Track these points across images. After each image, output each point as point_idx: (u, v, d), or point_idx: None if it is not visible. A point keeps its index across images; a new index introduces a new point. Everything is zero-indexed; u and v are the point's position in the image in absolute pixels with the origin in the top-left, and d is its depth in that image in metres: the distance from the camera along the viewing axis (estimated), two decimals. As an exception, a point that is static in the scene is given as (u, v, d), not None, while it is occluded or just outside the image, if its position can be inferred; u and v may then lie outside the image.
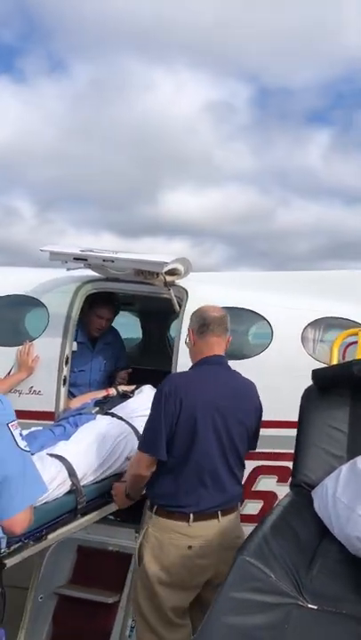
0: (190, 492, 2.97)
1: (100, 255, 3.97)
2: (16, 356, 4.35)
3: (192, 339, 3.18)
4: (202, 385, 3.04)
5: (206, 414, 2.99)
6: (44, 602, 3.88)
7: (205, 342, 3.12)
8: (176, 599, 3.00)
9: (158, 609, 2.98)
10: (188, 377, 3.09)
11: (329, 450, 2.88)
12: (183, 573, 2.97)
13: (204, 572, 3.01)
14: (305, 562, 2.23)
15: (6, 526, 2.22)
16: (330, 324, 4.26)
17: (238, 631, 1.76)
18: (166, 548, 2.96)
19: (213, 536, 3.00)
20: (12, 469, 2.18)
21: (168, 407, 2.94)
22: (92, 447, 3.38)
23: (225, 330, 3.15)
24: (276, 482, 4.01)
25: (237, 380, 3.20)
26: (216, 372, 3.12)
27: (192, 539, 2.97)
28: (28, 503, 2.24)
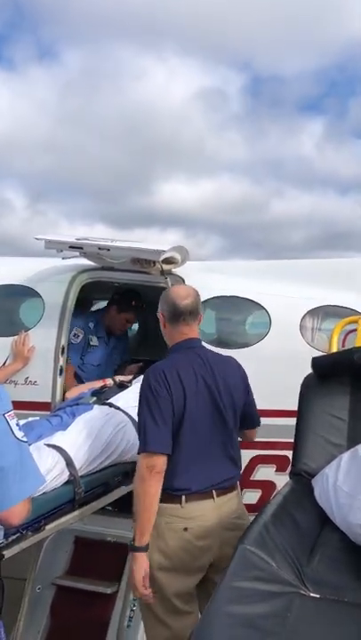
0: (182, 473, 2.91)
1: (95, 243, 3.93)
2: (11, 347, 4.31)
3: (163, 322, 3.14)
4: (184, 369, 2.97)
5: (193, 397, 2.93)
6: (41, 593, 3.86)
7: (177, 330, 3.09)
8: (179, 584, 2.95)
9: (161, 596, 2.94)
10: (168, 365, 3.00)
11: (329, 438, 2.86)
12: (183, 556, 2.92)
13: (205, 554, 2.96)
14: (306, 550, 2.22)
15: (3, 518, 2.18)
16: (328, 313, 4.24)
17: (240, 620, 1.75)
18: (163, 533, 2.90)
19: (210, 516, 2.95)
20: (8, 460, 2.14)
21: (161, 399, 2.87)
22: (90, 437, 3.34)
23: (197, 314, 3.11)
24: (274, 471, 4.00)
25: (216, 357, 3.15)
26: (194, 356, 3.06)
27: (187, 520, 2.91)
28: (25, 495, 2.21)
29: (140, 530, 2.79)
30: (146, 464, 2.79)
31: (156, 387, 2.88)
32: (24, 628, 3.67)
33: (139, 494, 2.80)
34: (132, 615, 3.68)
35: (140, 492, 2.79)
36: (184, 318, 3.07)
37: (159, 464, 2.80)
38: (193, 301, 3.10)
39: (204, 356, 3.11)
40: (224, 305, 4.00)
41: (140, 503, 2.79)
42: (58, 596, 3.89)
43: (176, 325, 3.09)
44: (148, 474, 2.77)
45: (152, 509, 2.79)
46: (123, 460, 3.52)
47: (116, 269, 4.36)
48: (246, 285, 4.39)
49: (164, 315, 3.12)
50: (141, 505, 2.78)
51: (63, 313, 4.33)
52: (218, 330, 4.57)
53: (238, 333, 4.32)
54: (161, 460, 2.80)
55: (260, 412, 3.82)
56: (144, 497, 2.78)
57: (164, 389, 2.88)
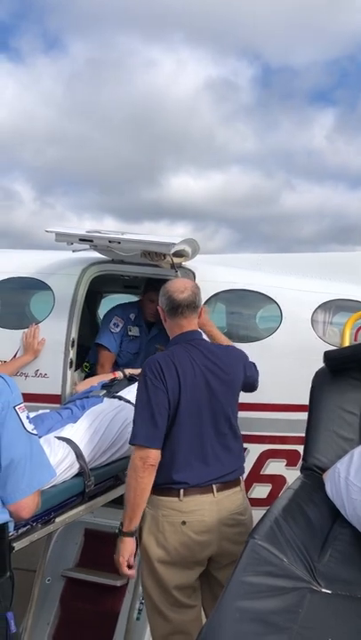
0: (182, 467, 2.91)
1: (106, 236, 3.91)
2: (22, 339, 4.31)
3: (163, 316, 3.16)
4: (181, 361, 2.96)
5: (190, 389, 2.92)
6: (51, 584, 3.88)
7: (176, 324, 3.10)
8: (179, 578, 2.96)
9: (163, 589, 2.95)
10: (165, 357, 2.99)
11: (341, 433, 2.83)
12: (181, 550, 2.92)
13: (204, 549, 2.95)
14: (317, 546, 2.20)
15: (13, 510, 2.19)
16: (340, 307, 4.21)
17: (251, 615, 1.73)
18: (162, 526, 2.91)
19: (209, 511, 2.93)
20: (18, 453, 2.15)
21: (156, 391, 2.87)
22: (100, 430, 3.34)
23: (195, 308, 3.11)
24: (284, 465, 3.98)
25: (216, 349, 3.18)
26: (192, 348, 3.06)
27: (185, 514, 2.91)
28: (35, 488, 2.21)
29: (129, 517, 2.88)
30: (139, 456, 2.83)
31: (151, 378, 2.89)
32: (34, 620, 3.69)
33: (130, 485, 2.86)
34: (141, 608, 3.68)
35: (131, 482, 2.85)
36: (182, 312, 3.06)
37: (152, 457, 2.83)
38: (190, 294, 3.09)
39: (204, 347, 3.11)
40: (234, 298, 3.98)
41: (131, 492, 2.85)
42: (67, 587, 3.91)
43: (175, 319, 3.09)
44: (142, 465, 2.82)
45: (142, 499, 2.86)
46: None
47: (127, 262, 4.35)
48: (257, 279, 4.37)
49: (163, 308, 3.13)
50: (132, 494, 2.85)
51: (73, 306, 4.33)
52: (228, 323, 4.55)
53: (249, 327, 4.29)
54: (153, 454, 2.83)
55: (270, 407, 3.80)
56: (135, 487, 2.83)
57: (159, 381, 2.88)
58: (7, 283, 4.53)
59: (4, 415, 2.14)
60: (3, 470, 2.12)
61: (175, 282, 3.23)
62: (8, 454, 2.13)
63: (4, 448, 2.12)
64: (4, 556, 2.16)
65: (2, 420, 2.14)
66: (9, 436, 2.13)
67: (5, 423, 2.13)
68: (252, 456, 4.00)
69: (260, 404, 4.01)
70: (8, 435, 2.13)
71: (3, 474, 2.13)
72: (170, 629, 2.96)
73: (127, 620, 3.69)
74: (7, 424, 2.14)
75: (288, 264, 4.98)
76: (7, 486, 2.14)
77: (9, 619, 2.10)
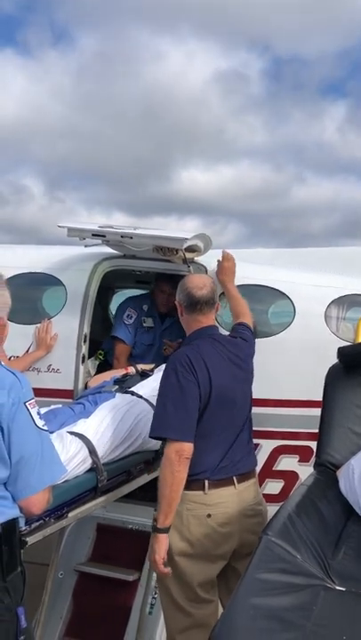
0: (206, 459, 2.94)
1: (118, 231, 3.90)
2: (34, 334, 4.32)
3: (180, 311, 3.20)
4: (208, 355, 3.01)
5: (218, 382, 2.96)
6: (64, 579, 3.90)
7: (194, 319, 3.14)
8: (203, 572, 2.98)
9: (184, 585, 2.97)
10: (193, 351, 3.02)
11: (355, 429, 2.82)
12: (206, 543, 2.95)
13: (228, 541, 2.99)
14: (331, 543, 2.19)
15: (24, 507, 2.19)
16: (354, 302, 4.17)
17: (265, 612, 1.73)
18: (186, 519, 2.93)
19: (232, 503, 2.98)
20: (29, 449, 2.14)
21: (188, 384, 2.89)
22: (113, 425, 3.34)
23: (213, 304, 3.17)
24: (297, 461, 3.96)
25: (232, 342, 3.25)
26: (214, 342, 3.13)
27: (210, 507, 2.95)
28: (45, 484, 2.21)
29: (165, 513, 2.84)
30: (174, 449, 2.82)
31: (183, 372, 2.90)
32: (47, 614, 3.69)
33: (166, 479, 2.83)
34: (153, 602, 3.69)
35: (167, 476, 2.83)
36: (200, 308, 3.11)
37: (187, 450, 2.83)
38: (209, 291, 3.14)
39: (224, 341, 3.18)
40: (246, 293, 3.94)
41: (167, 487, 2.83)
42: (80, 582, 3.92)
43: (193, 314, 3.13)
44: (177, 459, 2.81)
45: (178, 494, 2.84)
46: (144, 448, 3.52)
47: (138, 257, 4.33)
48: (269, 274, 4.34)
49: (182, 304, 3.16)
50: (168, 489, 2.82)
51: (85, 301, 4.32)
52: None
53: (261, 323, 4.26)
54: (188, 447, 2.84)
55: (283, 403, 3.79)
56: (172, 481, 2.82)
57: (190, 374, 2.90)
58: (19, 278, 4.53)
59: (15, 411, 2.13)
60: (13, 466, 2.12)
61: (193, 278, 3.29)
62: (18, 450, 2.12)
63: (14, 444, 2.11)
64: (15, 552, 2.16)
65: (12, 415, 2.13)
66: (19, 432, 2.13)
67: (16, 419, 2.12)
68: (265, 452, 3.98)
69: (272, 400, 3.99)
70: (18, 431, 2.12)
71: (13, 470, 2.12)
72: (189, 624, 2.97)
73: (140, 615, 3.70)
74: (18, 420, 2.12)
75: (302, 259, 4.95)
76: (17, 482, 2.14)
77: (19, 614, 2.10)
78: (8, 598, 2.09)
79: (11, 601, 2.10)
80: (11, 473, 2.13)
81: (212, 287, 3.18)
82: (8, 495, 2.15)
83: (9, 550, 2.12)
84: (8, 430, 2.11)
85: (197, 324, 3.13)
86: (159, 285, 4.74)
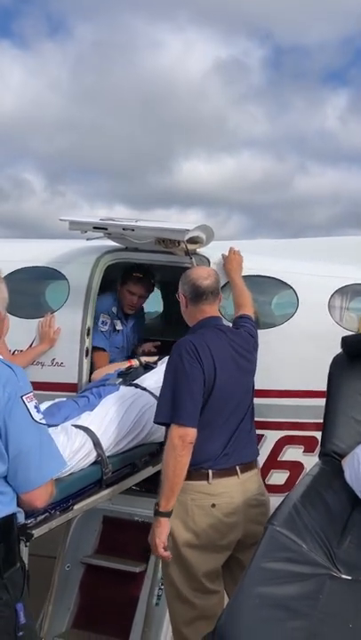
0: (207, 448, 2.95)
1: (119, 224, 3.90)
2: (37, 328, 4.32)
3: (184, 302, 3.21)
4: (213, 344, 3.02)
5: (223, 370, 2.98)
6: (71, 571, 3.92)
7: (199, 310, 3.17)
8: (208, 563, 2.99)
9: (189, 576, 2.98)
10: (198, 339, 3.03)
11: (359, 418, 2.81)
12: (211, 533, 2.96)
13: (232, 531, 3.00)
14: (336, 532, 2.19)
15: (26, 500, 2.19)
16: (357, 291, 4.15)
17: (271, 601, 1.73)
18: (190, 510, 2.95)
19: (236, 493, 3.01)
20: (27, 443, 2.13)
21: (194, 370, 2.90)
22: (117, 418, 3.35)
23: (217, 294, 3.22)
24: (302, 452, 3.96)
25: (235, 333, 3.28)
26: (219, 332, 3.15)
27: (214, 497, 2.96)
28: (45, 478, 2.20)
29: (167, 497, 2.87)
30: (178, 434, 2.84)
31: (188, 359, 2.92)
32: (54, 606, 3.73)
33: (169, 463, 2.85)
34: (160, 593, 3.70)
35: (170, 460, 2.85)
36: (206, 297, 3.14)
37: (190, 435, 2.85)
38: (214, 281, 3.19)
39: (228, 332, 3.22)
40: (249, 284, 3.93)
41: (170, 471, 2.85)
42: (87, 574, 3.94)
43: (198, 305, 3.15)
44: (181, 443, 2.83)
45: (180, 478, 2.86)
46: (149, 440, 3.53)
47: (141, 250, 4.33)
48: (272, 264, 4.32)
49: (186, 295, 3.18)
50: (171, 473, 2.85)
51: (88, 294, 4.32)
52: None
53: (265, 313, 4.26)
54: (192, 432, 2.85)
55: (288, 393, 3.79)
56: (175, 465, 2.84)
57: (195, 360, 2.92)
58: (22, 272, 4.53)
59: (11, 405, 2.10)
60: (12, 461, 2.10)
61: (197, 269, 3.34)
62: (16, 445, 2.10)
63: (11, 438, 2.10)
64: (13, 548, 2.15)
65: (9, 410, 2.10)
66: (16, 426, 2.10)
67: (12, 413, 2.10)
68: (270, 442, 3.98)
69: (276, 391, 3.99)
70: (15, 425, 2.10)
71: (12, 464, 2.11)
72: (194, 615, 2.99)
73: (146, 606, 3.72)
74: (14, 414, 2.10)
75: (305, 249, 4.94)
76: (18, 477, 2.13)
77: (18, 610, 2.09)
78: (7, 595, 2.08)
79: (9, 597, 2.09)
80: (10, 467, 2.11)
81: (217, 277, 3.23)
82: (5, 491, 2.14)
83: (6, 546, 2.10)
84: (5, 425, 2.09)
85: (202, 314, 3.15)
86: (128, 286, 4.59)
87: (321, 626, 1.66)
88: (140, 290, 4.64)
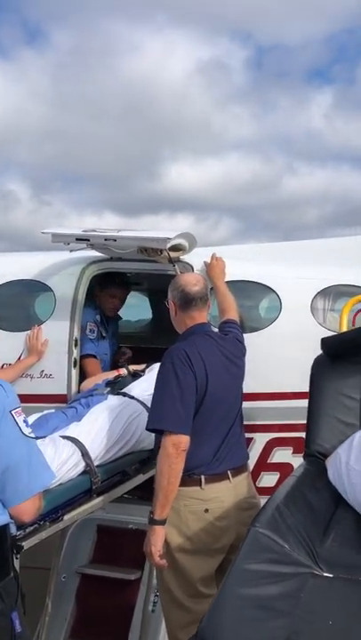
0: (199, 454, 2.98)
1: (101, 234, 3.94)
2: (25, 341, 4.35)
3: (173, 309, 3.24)
4: (204, 350, 3.06)
5: (214, 377, 3.01)
6: (66, 581, 3.94)
7: (188, 316, 3.20)
8: (202, 567, 3.02)
9: (184, 581, 3.01)
10: (189, 345, 3.06)
11: (342, 418, 2.84)
12: (204, 538, 2.99)
13: (225, 535, 3.03)
14: (320, 531, 2.21)
15: (14, 515, 2.21)
16: (340, 292, 4.21)
17: (253, 602, 1.75)
18: (184, 516, 2.98)
19: (228, 497, 3.04)
20: (15, 457, 2.16)
21: (186, 378, 2.93)
22: (105, 427, 3.38)
23: (206, 300, 3.25)
24: (291, 453, 4.00)
25: (223, 338, 3.30)
26: (209, 338, 3.19)
27: (207, 502, 2.99)
28: (33, 491, 2.23)
29: (162, 504, 2.88)
30: (172, 442, 2.86)
31: (180, 366, 2.94)
32: (51, 617, 3.74)
33: (163, 471, 2.86)
34: (156, 600, 3.73)
35: (164, 468, 2.86)
36: (195, 304, 3.17)
37: (184, 442, 2.87)
38: (202, 287, 3.23)
39: (218, 338, 3.25)
40: (233, 289, 3.98)
41: (164, 479, 2.86)
42: (82, 584, 3.96)
43: (187, 311, 3.18)
44: (175, 451, 2.85)
45: (175, 486, 2.88)
46: (138, 448, 3.56)
47: (125, 259, 4.37)
48: (255, 269, 4.37)
49: (175, 302, 3.21)
50: (165, 480, 2.86)
51: (74, 305, 4.36)
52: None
53: (249, 317, 4.31)
54: (185, 439, 2.88)
55: (275, 395, 3.82)
56: (169, 473, 2.85)
57: (187, 367, 2.94)
58: (8, 286, 4.57)
59: (0, 420, 2.15)
60: (0, 475, 2.14)
61: (186, 276, 3.39)
62: (5, 459, 2.14)
63: (0, 453, 2.13)
64: (6, 558, 2.18)
65: None
66: (5, 441, 2.14)
67: (1, 428, 2.14)
68: (259, 445, 4.02)
69: (264, 394, 4.03)
70: (5, 440, 2.14)
71: (1, 478, 2.14)
72: (190, 619, 2.99)
73: (142, 613, 3.74)
74: (3, 429, 2.14)
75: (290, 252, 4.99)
76: (6, 491, 2.16)
77: (14, 619, 2.12)
78: (2, 604, 2.11)
79: (5, 606, 2.12)
80: None
81: (205, 284, 3.28)
82: None
83: (0, 556, 2.14)
84: None
85: (191, 321, 3.18)
86: (110, 291, 4.68)
87: (302, 624, 1.68)
88: (121, 293, 4.76)
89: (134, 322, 7.15)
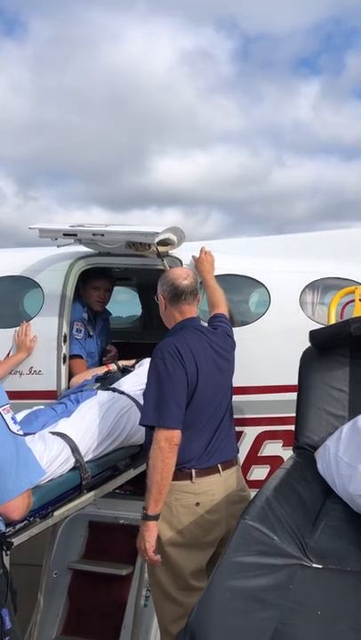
0: (190, 448, 2.98)
1: (89, 229, 3.91)
2: (14, 338, 4.32)
3: (163, 303, 3.23)
4: (195, 345, 3.05)
5: (204, 371, 3.01)
6: (58, 578, 3.93)
7: (178, 310, 3.19)
8: (194, 561, 3.03)
9: (176, 575, 3.01)
10: (180, 340, 3.05)
11: (330, 410, 2.86)
12: (195, 531, 3.00)
13: (216, 528, 3.04)
14: (309, 522, 2.23)
15: (2, 512, 2.20)
16: (328, 285, 4.21)
17: (241, 594, 1.76)
18: (175, 510, 2.98)
19: (218, 490, 3.05)
20: (3, 455, 2.14)
21: (176, 373, 2.92)
22: (95, 423, 3.36)
23: (196, 294, 3.23)
24: (281, 446, 4.01)
25: (212, 332, 3.29)
26: (199, 333, 3.17)
27: (198, 495, 3.00)
28: (22, 489, 2.21)
29: (155, 499, 2.87)
30: (164, 437, 2.85)
31: (171, 361, 2.93)
32: (43, 613, 3.73)
33: (156, 466, 2.86)
34: (148, 595, 3.73)
35: (157, 463, 2.85)
36: (185, 297, 3.16)
37: (177, 437, 2.87)
38: (192, 281, 3.21)
39: (207, 332, 3.24)
40: (222, 284, 3.97)
41: (158, 474, 2.86)
42: (74, 580, 3.96)
43: (177, 305, 3.17)
44: (168, 445, 2.85)
45: (168, 480, 2.88)
46: (128, 443, 3.55)
47: (113, 254, 4.35)
48: (243, 263, 4.37)
49: (165, 296, 3.20)
50: (158, 475, 2.85)
51: (63, 301, 4.33)
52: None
53: (238, 311, 4.30)
54: (177, 434, 2.87)
55: (265, 389, 3.83)
56: (162, 468, 2.85)
57: (178, 362, 2.94)
58: None
59: None
60: None
61: (176, 270, 3.36)
62: None
63: None
64: None
65: None
66: None
67: None
68: (249, 439, 4.03)
69: (253, 387, 4.04)
70: None
71: None
72: (181, 613, 2.99)
73: (135, 608, 3.74)
74: None
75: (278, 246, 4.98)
76: None
77: (4, 615, 2.11)
78: None
79: None
80: None
81: (195, 278, 3.26)
82: None
83: None
84: None
85: (181, 315, 3.18)
86: (92, 284, 4.60)
87: (291, 615, 1.69)
88: (104, 283, 4.65)
89: (123, 317, 7.14)
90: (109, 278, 4.72)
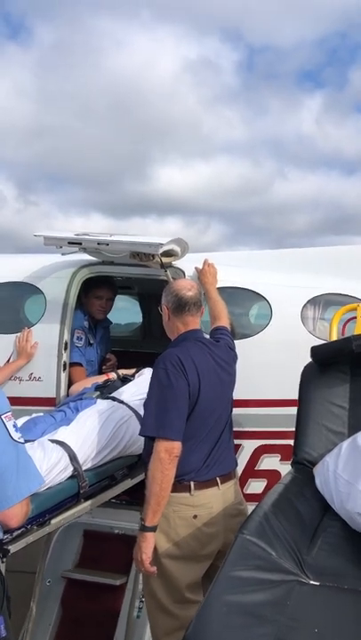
0: (190, 460, 2.98)
1: (94, 239, 3.93)
2: (15, 343, 4.33)
3: (166, 313, 3.24)
4: (197, 356, 3.06)
5: (206, 383, 3.01)
6: (51, 586, 3.91)
7: (182, 321, 3.20)
8: (190, 574, 3.02)
9: (171, 587, 3.00)
10: (183, 351, 3.05)
11: (330, 426, 2.87)
12: (193, 544, 2.99)
13: (213, 541, 3.04)
14: (306, 539, 2.23)
15: (1, 519, 2.21)
16: (329, 301, 4.23)
17: (239, 609, 1.76)
18: (173, 521, 2.97)
19: (216, 503, 3.04)
20: (4, 462, 2.15)
21: (178, 384, 2.92)
22: (94, 431, 3.36)
23: (200, 306, 3.26)
24: (279, 460, 4.01)
25: (215, 345, 3.30)
26: (201, 344, 3.19)
27: (196, 508, 3.00)
28: (21, 496, 2.22)
29: (153, 510, 2.86)
30: (165, 448, 2.85)
31: (173, 372, 2.93)
32: (35, 622, 3.71)
33: (156, 477, 2.84)
34: (141, 606, 3.71)
35: (157, 474, 2.84)
36: (189, 309, 3.18)
37: (177, 448, 2.87)
38: (196, 293, 3.24)
39: (210, 344, 3.25)
40: (224, 296, 4.00)
41: (157, 485, 2.85)
42: (68, 588, 3.93)
43: (181, 316, 3.19)
44: (167, 457, 2.84)
45: (167, 492, 2.87)
46: (127, 453, 3.55)
47: (117, 264, 4.37)
48: (246, 276, 4.39)
49: (169, 307, 3.22)
50: (158, 487, 2.85)
51: (65, 309, 4.34)
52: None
53: (240, 324, 4.32)
54: (178, 445, 2.87)
55: (264, 402, 3.84)
56: (161, 479, 2.84)
57: (180, 373, 2.94)
58: None
59: None
60: None
61: (181, 281, 3.39)
62: None
63: None
64: None
65: None
66: None
67: None
68: (247, 452, 4.03)
69: (253, 401, 4.04)
70: None
71: None
72: (175, 626, 2.99)
73: (127, 619, 3.72)
74: None
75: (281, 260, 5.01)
76: None
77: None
78: None
79: None
80: None
81: (199, 289, 3.30)
82: None
83: None
84: None
85: (184, 326, 3.19)
86: (94, 293, 4.63)
87: (288, 631, 1.69)
88: (106, 292, 4.68)
89: (123, 325, 7.15)
90: (112, 287, 4.75)
